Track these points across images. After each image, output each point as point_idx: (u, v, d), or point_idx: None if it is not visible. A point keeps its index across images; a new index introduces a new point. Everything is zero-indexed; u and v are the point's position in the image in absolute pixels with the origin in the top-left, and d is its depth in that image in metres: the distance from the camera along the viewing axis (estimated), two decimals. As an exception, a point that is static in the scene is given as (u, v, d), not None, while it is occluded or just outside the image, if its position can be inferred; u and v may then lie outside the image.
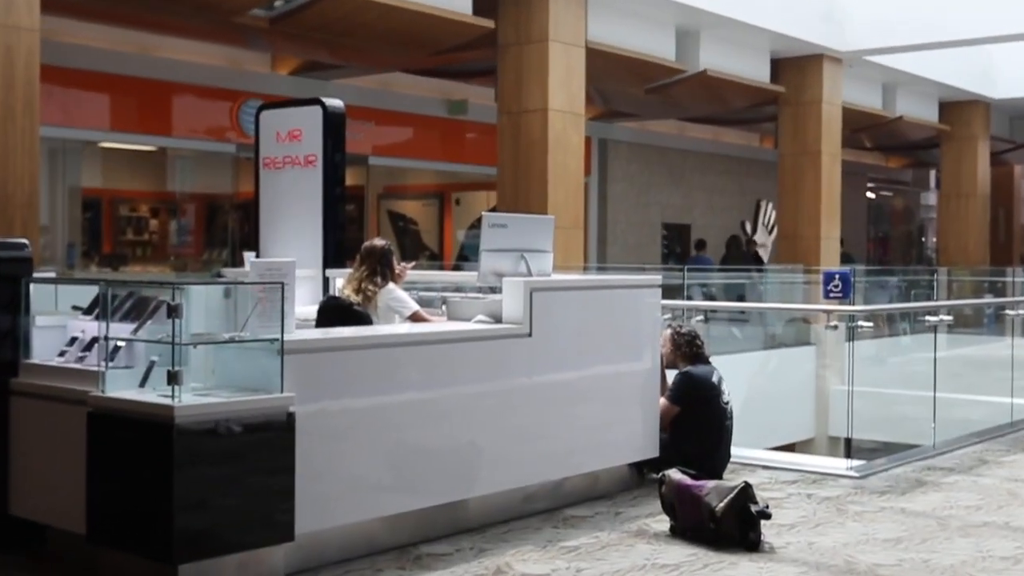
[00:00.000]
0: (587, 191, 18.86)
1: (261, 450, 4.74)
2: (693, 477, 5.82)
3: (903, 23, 17.27)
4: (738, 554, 5.38)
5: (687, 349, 6.96)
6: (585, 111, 13.57)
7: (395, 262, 7.04)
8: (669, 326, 7.26)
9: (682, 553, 5.39)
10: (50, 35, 10.76)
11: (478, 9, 12.53)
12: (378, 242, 6.96)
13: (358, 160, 16.53)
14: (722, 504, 5.49)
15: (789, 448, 11.80)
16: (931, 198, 31.59)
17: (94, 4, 11.55)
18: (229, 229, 16.61)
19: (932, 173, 31.24)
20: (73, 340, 5.42)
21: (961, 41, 18.42)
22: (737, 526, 5.46)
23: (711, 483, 5.71)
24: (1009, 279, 20.01)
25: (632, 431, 6.67)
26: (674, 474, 5.83)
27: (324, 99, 8.27)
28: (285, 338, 4.82)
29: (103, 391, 4.80)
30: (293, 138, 8.31)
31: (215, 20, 11.89)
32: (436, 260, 19.47)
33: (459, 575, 5.02)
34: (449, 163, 19.03)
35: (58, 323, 5.58)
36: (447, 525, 5.63)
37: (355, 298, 6.73)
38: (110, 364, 4.91)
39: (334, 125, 8.16)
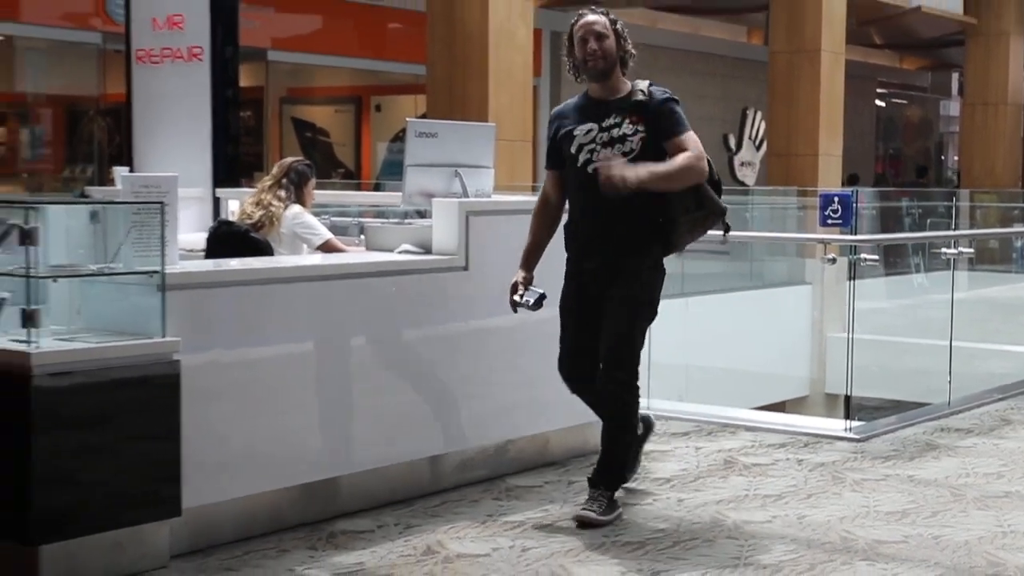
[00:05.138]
0: (537, 95, 18.83)
1: (140, 406, 4.76)
2: None
3: None
4: (715, 531, 5.50)
5: None
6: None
7: (310, 185, 7.12)
8: None
9: (648, 529, 5.50)
10: None
11: None
12: (298, 160, 7.31)
13: (255, 55, 16.40)
14: None
15: (779, 407, 11.97)
16: (953, 108, 31.88)
17: None
18: (95, 140, 16.45)
19: (954, 77, 31.53)
20: (-97, 273, 5.39)
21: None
22: None
23: None
24: (1044, 206, 20.30)
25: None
26: None
27: (213, -23, 8.20)
28: (166, 270, 4.83)
29: (-58, 335, 4.80)
30: (174, 25, 8.25)
31: None
32: (352, 179, 19.45)
33: (381, 556, 5.09)
34: (367, 60, 18.94)
35: None
36: (368, 497, 5.69)
37: (253, 212, 6.81)
38: (-50, 302, 4.91)
39: (225, 10, 8.11)
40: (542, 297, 5.55)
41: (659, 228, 5.46)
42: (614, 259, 5.43)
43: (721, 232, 5.82)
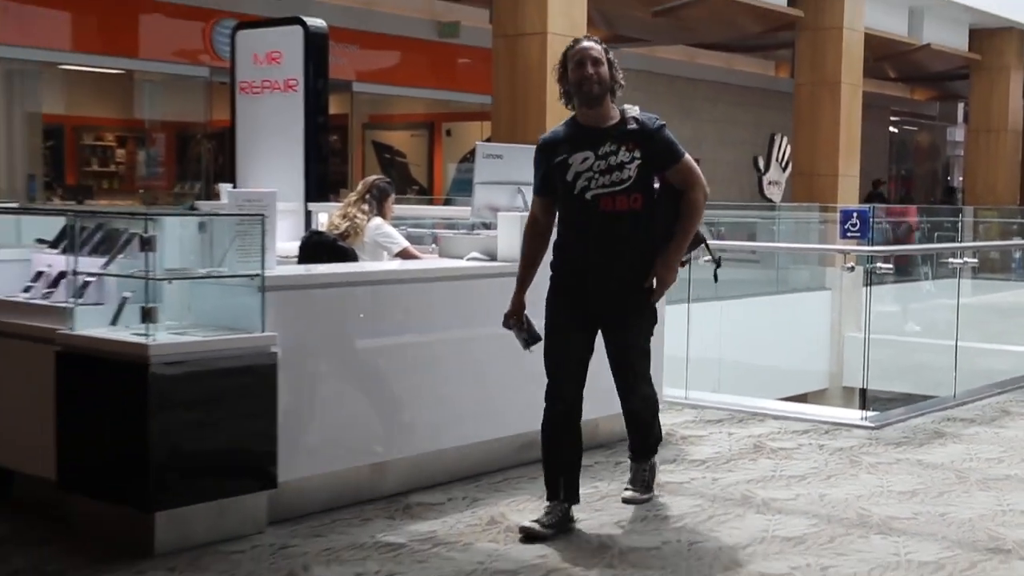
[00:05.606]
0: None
1: (241, 392, 4.81)
2: None
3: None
4: (745, 506, 5.48)
5: None
6: (588, 34, 13.51)
7: (390, 200, 7.17)
8: None
9: (686, 504, 5.49)
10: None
11: (472, -77, 12.46)
12: (380, 178, 7.37)
13: (341, 86, 16.50)
14: None
15: (802, 399, 11.92)
16: (958, 133, 31.55)
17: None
18: (202, 160, 16.59)
19: (960, 106, 31.19)
20: (39, 275, 5.45)
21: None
22: None
23: None
24: (1039, 221, 20.08)
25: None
26: None
27: (305, 18, 8.25)
28: (266, 274, 4.88)
29: (72, 329, 4.85)
30: (272, 61, 8.31)
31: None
32: (425, 195, 19.50)
33: (451, 525, 5.11)
34: (440, 91, 18.99)
35: (22, 257, 5.63)
36: (440, 473, 5.72)
37: (340, 224, 6.88)
38: (79, 300, 4.97)
39: (316, 47, 8.16)
40: (536, 339, 5.07)
41: (654, 252, 5.03)
42: (620, 279, 4.99)
43: (712, 263, 5.61)
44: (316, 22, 8.25)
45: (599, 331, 5.12)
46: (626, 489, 5.52)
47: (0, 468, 5.29)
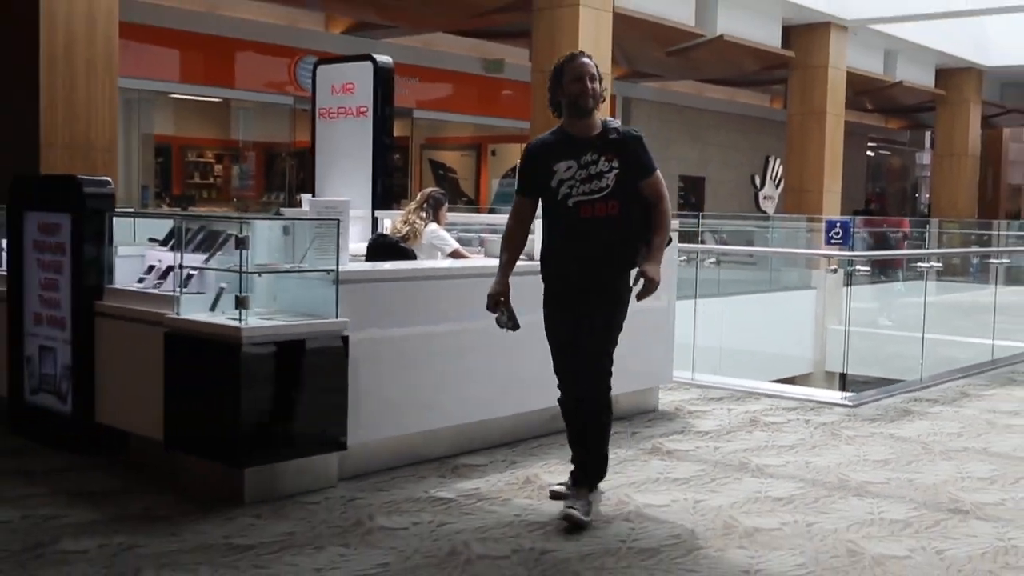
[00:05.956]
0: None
1: (318, 369, 4.82)
2: None
3: (905, -6, 17.05)
4: (742, 471, 5.44)
5: None
6: (611, 71, 13.48)
7: (443, 209, 7.16)
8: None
9: (692, 469, 5.46)
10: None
11: (514, -25, 12.43)
12: (436, 190, 7.37)
13: (403, 113, 16.53)
14: None
15: (790, 381, 11.82)
16: (926, 157, 31.30)
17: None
18: (286, 174, 16.67)
19: (927, 134, 30.92)
20: (151, 268, 5.50)
21: (958, 12, 18.19)
22: None
23: None
24: (994, 232, 19.89)
25: (649, 359, 6.71)
26: None
27: (375, 56, 8.26)
28: (340, 269, 4.88)
29: (178, 314, 4.88)
30: (347, 91, 8.31)
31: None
32: (473, 205, 19.51)
33: (492, 483, 5.11)
34: (486, 117, 18.99)
35: (137, 253, 5.66)
36: (483, 440, 5.72)
37: (402, 228, 6.89)
38: (184, 290, 5.00)
39: (384, 79, 8.15)
40: (515, 327, 4.71)
41: (631, 250, 4.62)
42: (599, 275, 4.60)
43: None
44: (384, 58, 8.24)
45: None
46: (568, 506, 4.60)
47: (117, 430, 5.33)
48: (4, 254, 6.13)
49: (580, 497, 4.63)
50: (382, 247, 6.68)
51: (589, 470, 4.76)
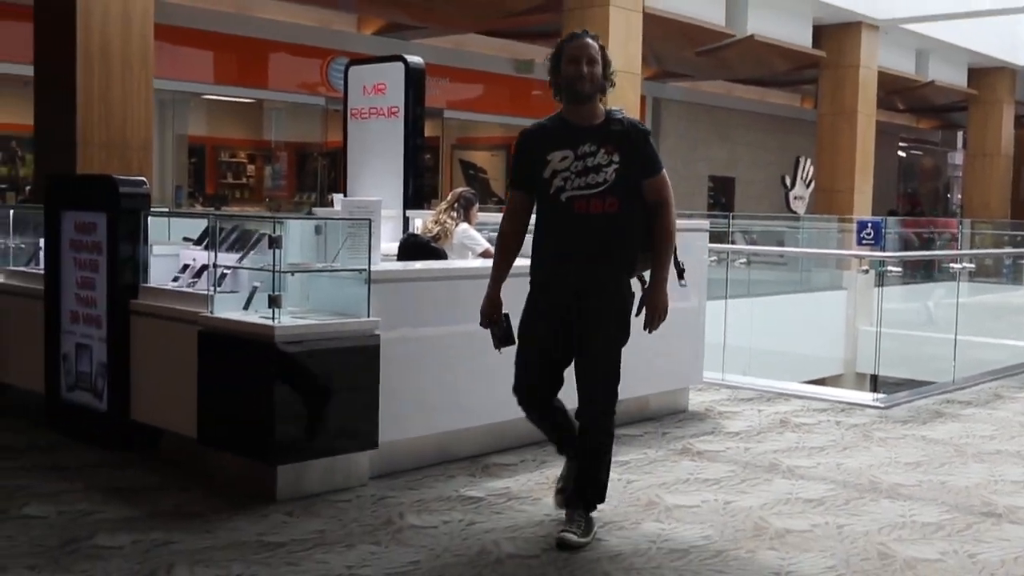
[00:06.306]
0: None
1: (350, 367, 4.83)
2: None
3: (937, -7, 16.92)
4: (772, 472, 5.41)
5: None
6: (641, 71, 13.44)
7: (474, 209, 7.17)
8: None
9: (722, 470, 5.43)
10: (162, -4, 10.84)
11: (545, -25, 12.42)
12: (467, 190, 7.37)
13: (434, 113, 16.56)
14: None
15: (821, 382, 11.75)
16: (958, 157, 30.99)
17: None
18: (318, 174, 16.74)
19: (959, 134, 30.61)
20: (185, 267, 5.54)
21: (990, 11, 18.01)
22: None
23: None
24: (1027, 233, 19.70)
25: (679, 359, 6.69)
26: None
27: (406, 56, 8.28)
28: (372, 269, 4.89)
29: (212, 312, 4.91)
30: (378, 91, 8.34)
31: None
32: (503, 204, 19.50)
33: (522, 483, 5.10)
34: (516, 117, 18.92)
35: (172, 252, 5.70)
36: (513, 439, 5.70)
37: (433, 228, 6.90)
38: (218, 289, 5.02)
39: (415, 80, 8.18)
40: (510, 342, 4.37)
41: (631, 253, 4.25)
42: (595, 275, 4.19)
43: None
44: (415, 59, 8.27)
45: (573, 337, 4.26)
46: (563, 531, 4.25)
47: (151, 427, 5.37)
48: (41, 253, 6.19)
49: (575, 519, 4.27)
50: (413, 247, 6.68)
51: (588, 494, 4.34)
